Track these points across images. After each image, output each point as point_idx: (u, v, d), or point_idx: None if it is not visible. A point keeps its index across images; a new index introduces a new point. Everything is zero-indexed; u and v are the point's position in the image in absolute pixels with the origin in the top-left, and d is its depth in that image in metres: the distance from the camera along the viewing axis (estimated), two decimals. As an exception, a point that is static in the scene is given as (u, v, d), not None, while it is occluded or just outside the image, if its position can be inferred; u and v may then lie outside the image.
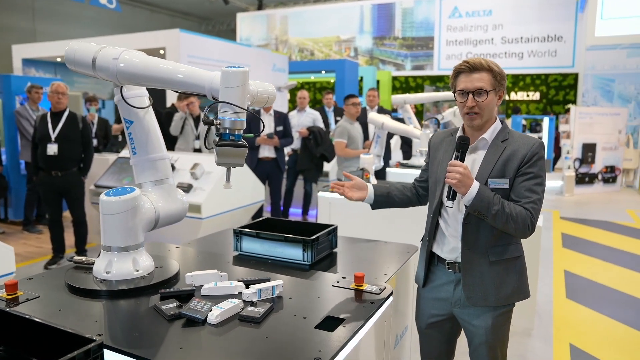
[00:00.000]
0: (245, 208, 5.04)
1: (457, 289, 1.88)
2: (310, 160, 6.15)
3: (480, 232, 1.80)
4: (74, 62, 1.74)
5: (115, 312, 1.54)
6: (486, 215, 1.71)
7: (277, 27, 17.60)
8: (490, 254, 1.81)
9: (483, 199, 1.70)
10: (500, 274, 1.82)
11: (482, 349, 1.87)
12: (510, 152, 1.79)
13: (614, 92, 11.38)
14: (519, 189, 1.76)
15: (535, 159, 1.77)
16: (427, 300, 1.99)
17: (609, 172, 9.24)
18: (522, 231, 1.73)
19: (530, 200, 1.73)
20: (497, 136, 1.84)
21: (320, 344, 1.33)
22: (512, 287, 1.83)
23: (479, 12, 14.34)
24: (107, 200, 1.71)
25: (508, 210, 1.71)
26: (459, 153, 1.77)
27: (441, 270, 1.93)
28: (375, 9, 16.14)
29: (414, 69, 15.91)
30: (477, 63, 1.76)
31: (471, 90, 1.75)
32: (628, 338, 3.38)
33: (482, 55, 14.45)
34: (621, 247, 5.61)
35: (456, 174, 1.69)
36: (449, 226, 1.88)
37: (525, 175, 1.76)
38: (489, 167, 1.79)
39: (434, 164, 1.98)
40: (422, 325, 2.03)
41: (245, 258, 2.16)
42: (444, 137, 2.00)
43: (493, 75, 1.77)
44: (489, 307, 1.84)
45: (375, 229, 3.58)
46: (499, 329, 1.86)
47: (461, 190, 1.71)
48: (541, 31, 13.55)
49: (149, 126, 1.88)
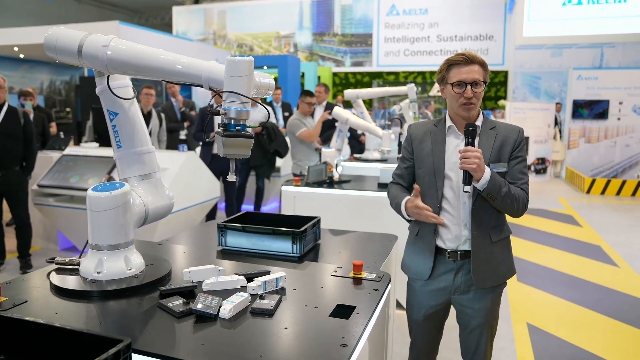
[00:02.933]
0: (200, 205, 4.92)
1: (457, 276, 1.92)
2: (263, 156, 6.09)
3: (484, 215, 1.88)
4: (55, 50, 1.63)
5: (116, 313, 1.46)
6: (496, 197, 1.80)
7: (215, 21, 17.23)
8: (492, 234, 1.90)
9: (495, 182, 1.79)
10: (498, 253, 1.92)
11: (481, 329, 1.95)
12: (502, 138, 1.90)
13: (540, 89, 12.17)
14: (513, 171, 1.89)
15: (522, 144, 1.93)
16: (425, 293, 1.99)
17: (540, 164, 9.87)
18: (521, 210, 1.87)
19: (524, 181, 1.88)
20: (485, 124, 1.93)
21: (341, 331, 1.34)
22: (507, 265, 1.96)
23: (416, 10, 14.79)
24: (96, 196, 1.62)
25: (513, 192, 1.83)
26: (470, 139, 1.83)
27: (440, 261, 1.94)
28: (315, 5, 16.20)
29: (353, 65, 16.14)
30: (472, 56, 1.84)
31: (469, 81, 1.82)
32: (575, 314, 3.65)
33: (419, 53, 15.02)
34: (558, 233, 6.03)
35: (475, 159, 1.75)
36: (452, 216, 1.90)
37: (517, 159, 1.90)
38: (486, 153, 1.87)
39: (424, 156, 1.97)
40: (419, 318, 2.03)
41: (231, 252, 2.12)
42: (428, 129, 2.01)
43: (484, 68, 1.86)
44: (489, 288, 1.91)
45: (340, 220, 3.62)
46: (495, 309, 1.97)
47: (478, 175, 1.77)
48: (474, 30, 14.20)
49: (135, 118, 1.79)
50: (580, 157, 9.88)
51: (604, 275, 4.51)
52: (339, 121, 4.58)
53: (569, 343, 3.19)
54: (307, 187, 3.88)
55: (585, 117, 9.75)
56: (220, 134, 1.48)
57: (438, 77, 1.94)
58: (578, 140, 9.88)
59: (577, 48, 12.03)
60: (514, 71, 12.75)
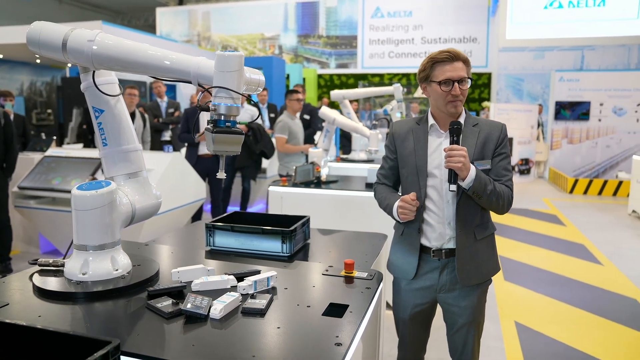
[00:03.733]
0: (186, 207, 4.86)
1: (442, 274, 1.91)
2: (249, 157, 6.04)
3: (469, 213, 1.86)
4: (39, 44, 1.58)
5: (102, 315, 1.42)
6: (482, 195, 1.78)
7: (200, 23, 17.10)
8: (477, 232, 1.88)
9: (481, 180, 1.77)
10: (483, 250, 1.90)
11: (468, 327, 1.93)
12: (485, 135, 1.88)
13: (523, 90, 12.32)
14: (497, 168, 1.87)
15: (505, 140, 1.91)
16: (410, 291, 1.98)
17: (524, 165, 9.98)
18: (506, 207, 1.85)
19: (508, 178, 1.87)
20: (467, 121, 1.92)
21: (334, 330, 1.31)
22: (492, 262, 1.94)
23: (400, 12, 14.86)
24: (81, 195, 1.58)
25: (498, 189, 1.82)
26: (455, 137, 1.81)
27: (424, 259, 1.93)
28: (300, 7, 16.19)
29: (338, 67, 16.15)
30: (456, 53, 1.83)
31: (456, 79, 1.81)
32: (562, 312, 3.68)
33: (403, 55, 15.09)
34: (543, 232, 6.09)
35: (460, 157, 1.72)
36: (436, 214, 1.89)
37: (501, 156, 1.89)
38: (470, 150, 1.85)
39: (406, 154, 1.95)
40: (405, 316, 2.01)
41: (219, 253, 2.08)
42: (411, 127, 1.99)
43: (467, 65, 1.86)
44: (474, 286, 1.90)
45: (328, 221, 3.60)
46: (482, 306, 1.96)
47: (464, 173, 1.75)
48: (457, 32, 14.31)
49: (121, 115, 1.75)
50: (562, 157, 10.02)
51: (588, 273, 4.57)
52: (326, 121, 4.57)
53: (557, 341, 3.21)
54: (295, 187, 3.86)
55: (567, 118, 9.90)
56: (210, 130, 1.45)
57: (421, 76, 1.90)
58: (560, 141, 10.02)
59: (559, 50, 12.21)
60: (498, 73, 12.89)
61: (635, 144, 9.72)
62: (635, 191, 7.05)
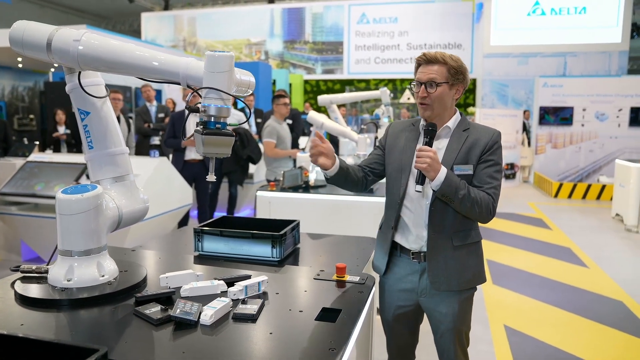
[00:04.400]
0: (172, 212, 4.80)
1: (422, 278, 1.89)
2: (236, 162, 5.99)
3: (445, 218, 1.83)
4: (22, 44, 1.54)
5: (88, 322, 1.37)
6: (453, 199, 1.75)
7: (185, 28, 17.02)
8: (454, 238, 1.85)
9: (451, 184, 1.74)
10: (463, 258, 1.86)
11: (449, 334, 1.91)
12: (472, 141, 1.86)
13: (508, 96, 12.46)
14: (481, 175, 1.83)
15: (495, 147, 1.86)
16: (392, 292, 1.97)
17: (510, 169, 10.07)
18: (485, 215, 1.80)
19: (492, 186, 1.82)
20: (459, 125, 1.91)
21: (328, 335, 1.29)
22: (473, 271, 1.89)
23: (386, 19, 14.96)
24: (66, 199, 1.53)
25: (473, 195, 1.77)
26: (427, 139, 1.81)
27: (405, 261, 1.92)
28: (286, 12, 16.22)
29: (324, 73, 16.19)
30: (432, 56, 1.82)
31: (424, 81, 1.81)
32: (550, 314, 3.69)
33: (389, 60, 15.18)
34: (529, 236, 6.13)
35: (426, 159, 1.72)
36: (413, 214, 1.88)
37: (487, 162, 1.84)
38: (453, 154, 1.84)
39: (395, 152, 1.97)
40: (389, 318, 2.01)
41: (208, 258, 2.04)
42: (405, 127, 2.01)
43: (447, 69, 1.82)
44: (454, 292, 1.87)
45: (317, 225, 3.57)
46: (464, 314, 1.92)
47: (430, 174, 1.74)
48: (442, 39, 14.45)
49: (107, 117, 1.71)
50: (547, 162, 10.14)
51: (575, 276, 4.60)
52: (313, 125, 4.55)
53: (546, 343, 3.22)
54: (283, 192, 3.83)
55: (551, 123, 10.02)
56: (200, 132, 1.42)
57: None
58: (545, 146, 10.13)
59: (542, 57, 12.38)
60: (482, 79, 13.02)
61: (617, 149, 9.87)
62: (618, 195, 7.15)
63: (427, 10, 14.53)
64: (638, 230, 6.42)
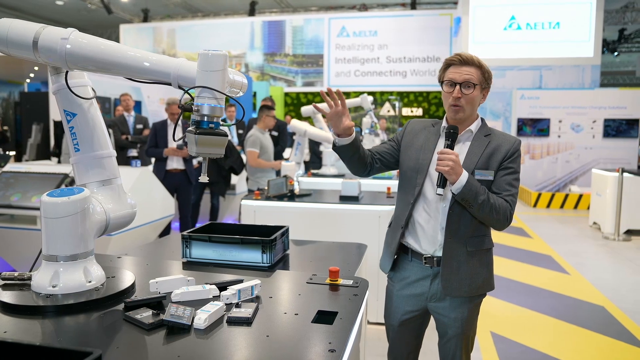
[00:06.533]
0: (154, 223, 4.71)
1: (433, 283, 1.88)
2: (218, 173, 5.94)
3: (462, 222, 1.82)
4: (6, 42, 1.49)
5: (75, 329, 1.32)
6: (472, 204, 1.74)
7: (165, 40, 16.93)
8: (468, 244, 1.84)
9: (472, 188, 1.73)
10: (475, 264, 1.85)
11: (456, 340, 1.90)
12: (494, 147, 1.85)
13: (486, 108, 12.65)
14: (500, 182, 1.82)
15: (515, 155, 1.86)
16: (401, 297, 1.95)
17: (489, 179, 10.21)
18: (502, 222, 1.79)
19: (510, 193, 1.80)
20: (480, 130, 1.90)
21: (327, 336, 1.26)
22: (483, 277, 1.88)
23: (365, 32, 15.13)
24: (51, 202, 1.48)
25: (492, 201, 1.76)
26: (449, 142, 1.80)
27: (417, 265, 1.91)
28: (266, 25, 16.27)
29: (305, 85, 16.25)
30: (468, 57, 1.81)
31: (459, 81, 1.79)
32: (534, 320, 3.72)
33: (369, 74, 15.32)
34: (511, 244, 6.20)
35: (448, 162, 1.71)
36: (429, 217, 1.87)
37: (507, 170, 1.83)
38: (474, 158, 1.83)
39: (411, 150, 1.95)
40: (395, 323, 1.99)
41: (196, 264, 2.00)
42: (425, 126, 1.99)
43: (482, 72, 1.81)
44: (465, 299, 1.86)
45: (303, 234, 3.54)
46: (473, 320, 1.92)
47: (452, 178, 1.73)
48: (421, 52, 14.66)
49: (95, 119, 1.67)
50: (525, 172, 10.29)
51: (557, 283, 4.65)
52: (296, 134, 4.54)
53: (532, 349, 3.24)
54: (268, 200, 3.79)
55: (529, 134, 10.22)
56: (193, 132, 1.40)
57: (438, 77, 1.91)
58: (523, 157, 10.31)
59: (519, 70, 12.65)
60: (461, 91, 13.21)
61: (592, 159, 10.10)
62: (595, 204, 7.29)
63: (406, 24, 14.76)
64: (615, 237, 6.56)
